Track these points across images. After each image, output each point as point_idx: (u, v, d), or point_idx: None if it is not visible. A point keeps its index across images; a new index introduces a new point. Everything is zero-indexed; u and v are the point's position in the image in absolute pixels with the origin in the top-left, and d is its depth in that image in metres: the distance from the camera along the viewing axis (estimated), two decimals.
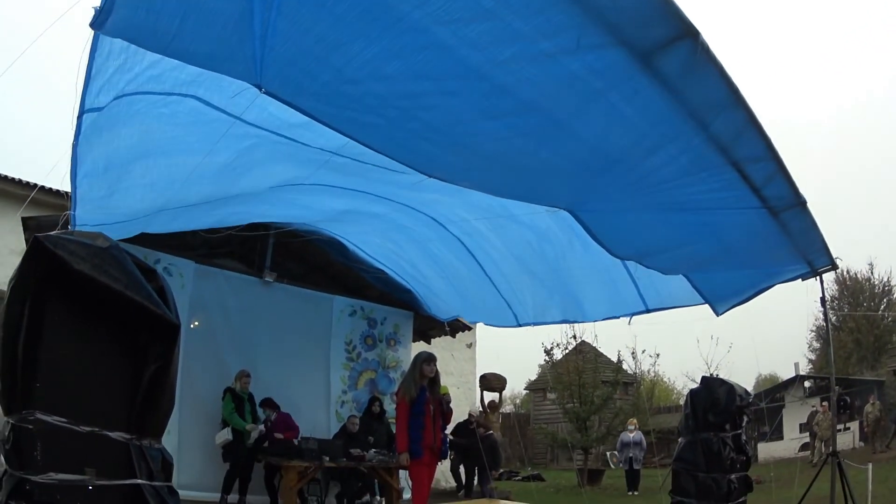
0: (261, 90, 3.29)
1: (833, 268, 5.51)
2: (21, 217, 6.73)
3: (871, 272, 27.07)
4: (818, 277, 5.60)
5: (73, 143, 4.05)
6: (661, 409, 23.76)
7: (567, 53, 2.83)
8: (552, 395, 20.47)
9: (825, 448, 14.03)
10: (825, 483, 5.61)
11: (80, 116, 3.79)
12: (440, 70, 3.04)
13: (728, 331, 22.28)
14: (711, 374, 9.98)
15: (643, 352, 20.67)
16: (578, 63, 2.89)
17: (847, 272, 26.73)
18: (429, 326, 10.36)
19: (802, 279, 5.63)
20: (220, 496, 7.20)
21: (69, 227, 4.75)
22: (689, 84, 3.03)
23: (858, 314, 24.88)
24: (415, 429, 5.25)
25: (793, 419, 19.43)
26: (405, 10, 2.67)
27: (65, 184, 4.53)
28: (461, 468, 11.38)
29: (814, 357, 27.91)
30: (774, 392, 21.06)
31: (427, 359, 5.49)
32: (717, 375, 8.17)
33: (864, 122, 61.26)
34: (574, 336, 16.41)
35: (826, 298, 6.11)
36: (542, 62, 2.92)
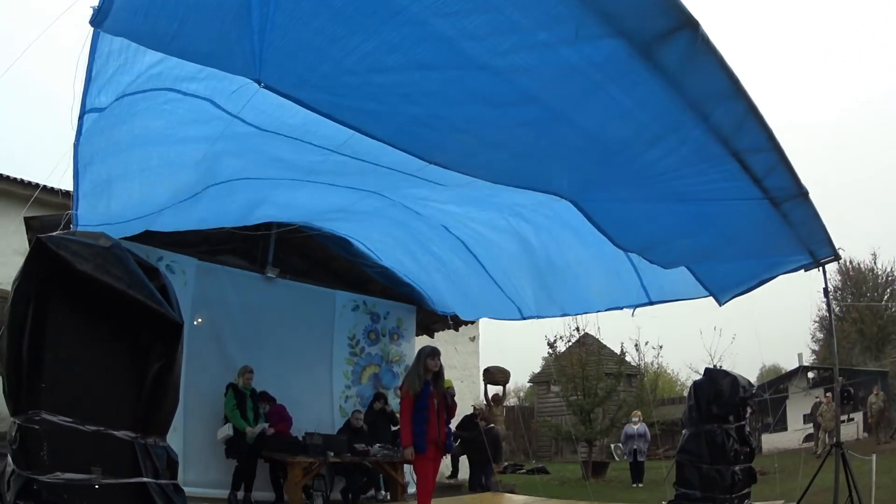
0: (260, 84, 3.28)
1: (836, 258, 5.51)
2: (24, 217, 6.73)
3: (875, 262, 26.99)
4: (821, 268, 5.60)
5: (75, 143, 4.06)
6: (665, 401, 23.74)
7: (566, 44, 2.83)
8: (556, 388, 20.45)
9: (829, 439, 14.02)
10: (829, 474, 5.61)
11: (81, 117, 3.80)
12: (440, 61, 3.04)
13: (731, 322, 22.17)
14: (715, 366, 9.99)
15: (646, 343, 20.24)
16: (577, 54, 2.89)
17: (850, 262, 26.63)
18: (432, 320, 10.36)
19: (805, 269, 5.63)
20: (230, 493, 7.22)
21: (71, 227, 4.76)
22: (689, 75, 3.02)
23: (862, 304, 24.80)
24: (419, 423, 5.25)
25: (796, 410, 19.46)
26: (403, 4, 2.68)
27: (67, 183, 4.54)
28: (460, 460, 11.37)
29: (817, 348, 27.84)
30: (778, 383, 21.09)
31: (431, 353, 5.47)
32: (721, 367, 8.18)
33: (866, 120, 61.02)
34: (577, 328, 16.45)
35: (829, 289, 6.11)
36: (542, 53, 2.92)
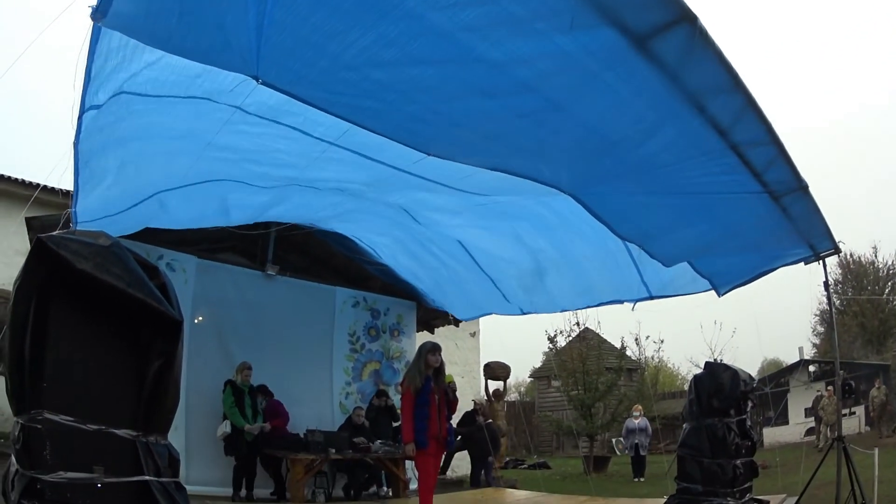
0: (258, 81, 3.28)
1: (836, 251, 5.51)
2: (25, 217, 6.73)
3: (876, 255, 26.94)
4: (821, 261, 5.60)
5: (74, 142, 4.06)
6: (666, 395, 23.73)
7: (561, 33, 2.83)
8: (556, 383, 20.44)
9: (831, 433, 14.03)
10: (831, 468, 5.61)
11: (81, 115, 3.80)
12: (437, 55, 3.04)
13: (732, 315, 22.21)
14: (715, 360, 9.99)
15: (647, 338, 19.92)
16: (573, 43, 2.89)
17: (851, 256, 26.59)
18: (432, 316, 10.37)
19: (805, 263, 5.63)
20: (233, 492, 7.24)
21: (71, 225, 4.77)
22: (687, 68, 3.02)
23: (863, 298, 24.75)
24: (420, 419, 5.24)
25: (798, 404, 19.46)
26: None
27: (67, 183, 4.54)
28: (454, 456, 11.37)
29: (818, 341, 27.79)
30: (779, 377, 21.06)
31: (432, 349, 5.47)
32: (721, 360, 8.18)
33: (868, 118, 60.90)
34: (577, 323, 16.46)
35: (829, 282, 6.11)
36: (538, 42, 2.92)
